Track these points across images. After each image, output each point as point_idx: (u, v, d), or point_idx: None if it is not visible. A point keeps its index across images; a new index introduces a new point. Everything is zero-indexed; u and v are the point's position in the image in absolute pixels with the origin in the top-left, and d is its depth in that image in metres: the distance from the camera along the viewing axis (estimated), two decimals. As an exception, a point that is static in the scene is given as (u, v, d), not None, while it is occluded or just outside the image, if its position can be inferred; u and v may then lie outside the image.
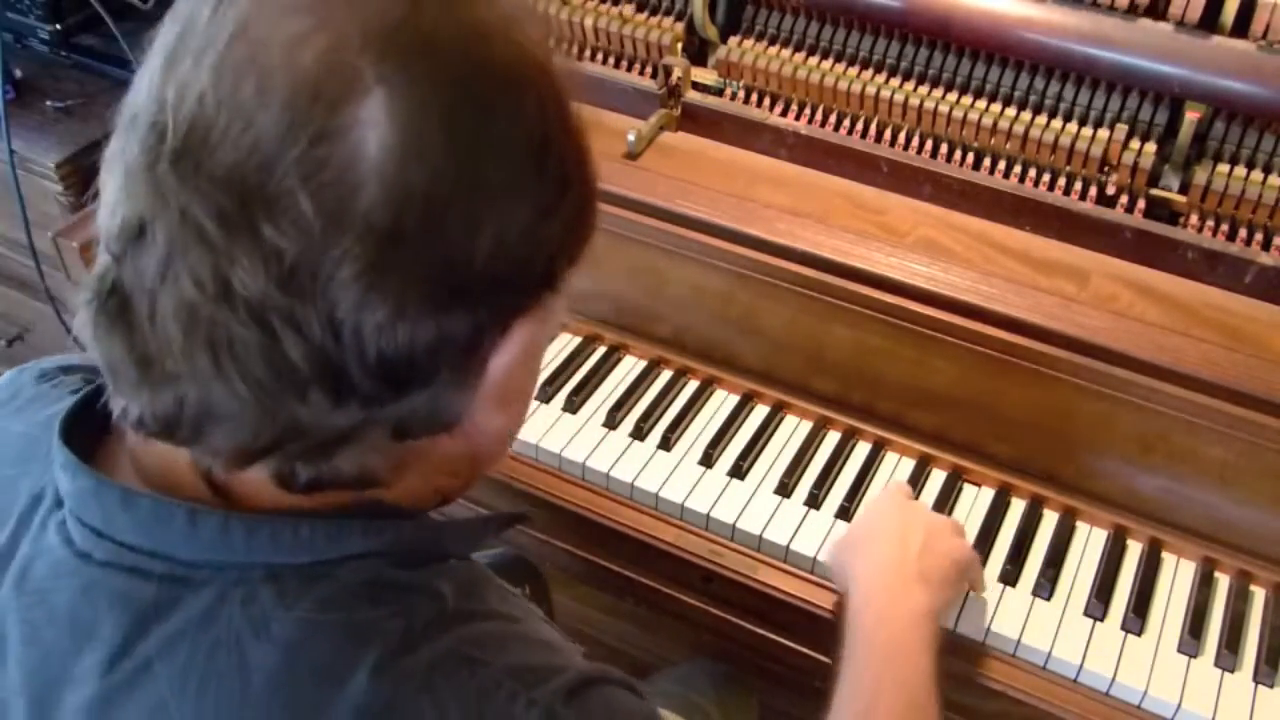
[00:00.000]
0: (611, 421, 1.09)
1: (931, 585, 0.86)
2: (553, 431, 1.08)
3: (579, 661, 0.57)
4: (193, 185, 0.45)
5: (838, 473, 1.05)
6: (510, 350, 0.51)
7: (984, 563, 0.97)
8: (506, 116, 0.48)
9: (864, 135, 1.17)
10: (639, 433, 1.08)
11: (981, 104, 1.11)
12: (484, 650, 0.53)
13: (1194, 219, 1.06)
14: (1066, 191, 1.09)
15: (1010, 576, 0.97)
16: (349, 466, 0.51)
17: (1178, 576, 0.97)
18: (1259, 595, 0.96)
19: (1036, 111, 1.10)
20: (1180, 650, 0.92)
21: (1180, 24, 1.01)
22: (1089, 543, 1.00)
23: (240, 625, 0.50)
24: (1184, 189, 1.06)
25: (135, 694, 0.51)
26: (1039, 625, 0.93)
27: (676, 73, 1.20)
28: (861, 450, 1.08)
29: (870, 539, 0.91)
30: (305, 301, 0.45)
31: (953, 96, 1.12)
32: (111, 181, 0.48)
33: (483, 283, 0.48)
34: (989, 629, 0.93)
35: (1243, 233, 1.04)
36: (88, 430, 0.56)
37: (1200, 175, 1.03)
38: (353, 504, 0.54)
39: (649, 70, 1.26)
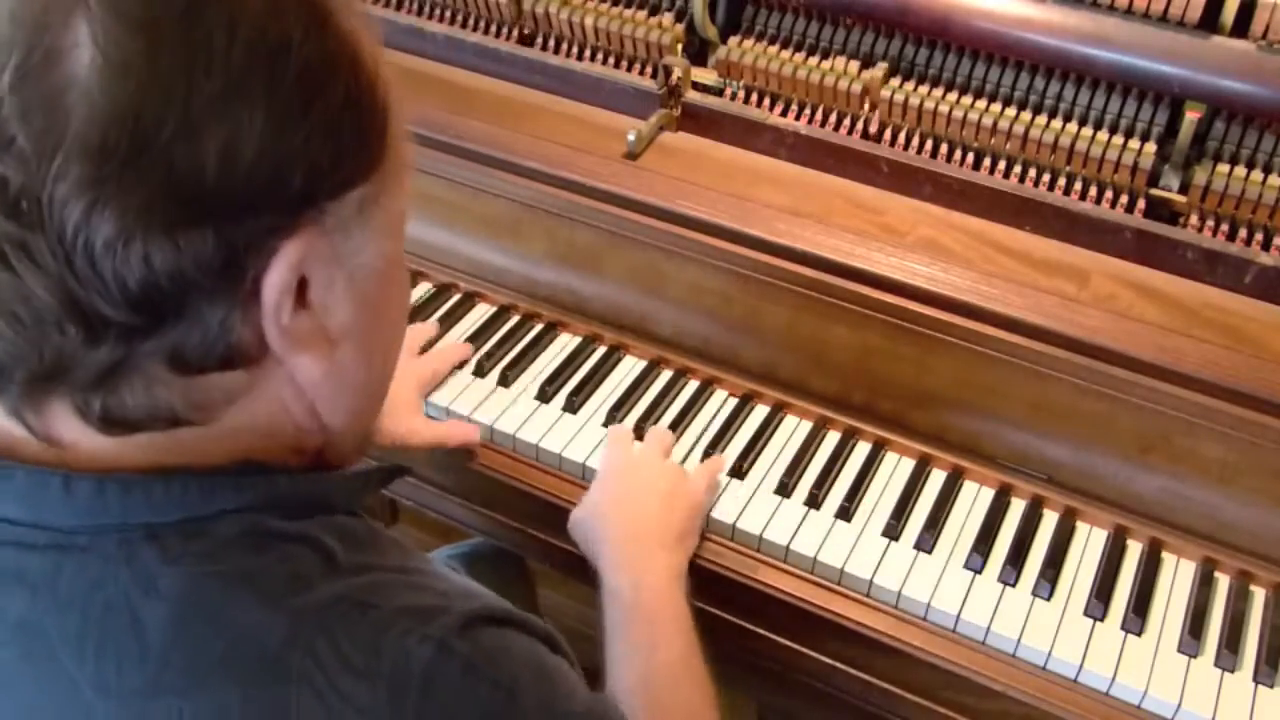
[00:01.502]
0: (611, 421, 1.09)
1: (675, 545, 0.93)
2: (553, 431, 1.08)
3: (484, 602, 0.58)
4: None
5: (838, 473, 1.05)
6: (279, 273, 0.49)
7: (984, 563, 0.98)
8: (220, 22, 0.46)
9: (864, 135, 1.17)
10: (639, 433, 1.08)
11: (981, 104, 1.11)
12: (376, 594, 0.54)
13: (1194, 219, 1.06)
14: (1066, 191, 1.09)
15: (1010, 576, 0.97)
16: (137, 400, 0.50)
17: (1178, 576, 0.98)
18: (1259, 595, 0.96)
19: (1036, 111, 1.10)
20: (1180, 650, 0.92)
21: (1180, 24, 1.01)
22: (1089, 543, 1.00)
23: (128, 585, 0.51)
24: (1184, 189, 1.06)
25: (33, 662, 0.51)
26: (1039, 625, 0.93)
27: (676, 73, 1.20)
28: (861, 450, 1.08)
29: (608, 511, 0.96)
30: (35, 230, 0.45)
31: (953, 96, 1.12)
32: None
33: (218, 198, 0.47)
34: (989, 629, 0.93)
35: (1243, 233, 1.04)
36: None
37: (1200, 175, 1.03)
38: (223, 464, 0.54)
39: (649, 70, 1.26)
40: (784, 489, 1.04)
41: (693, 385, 1.14)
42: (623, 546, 0.92)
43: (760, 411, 1.12)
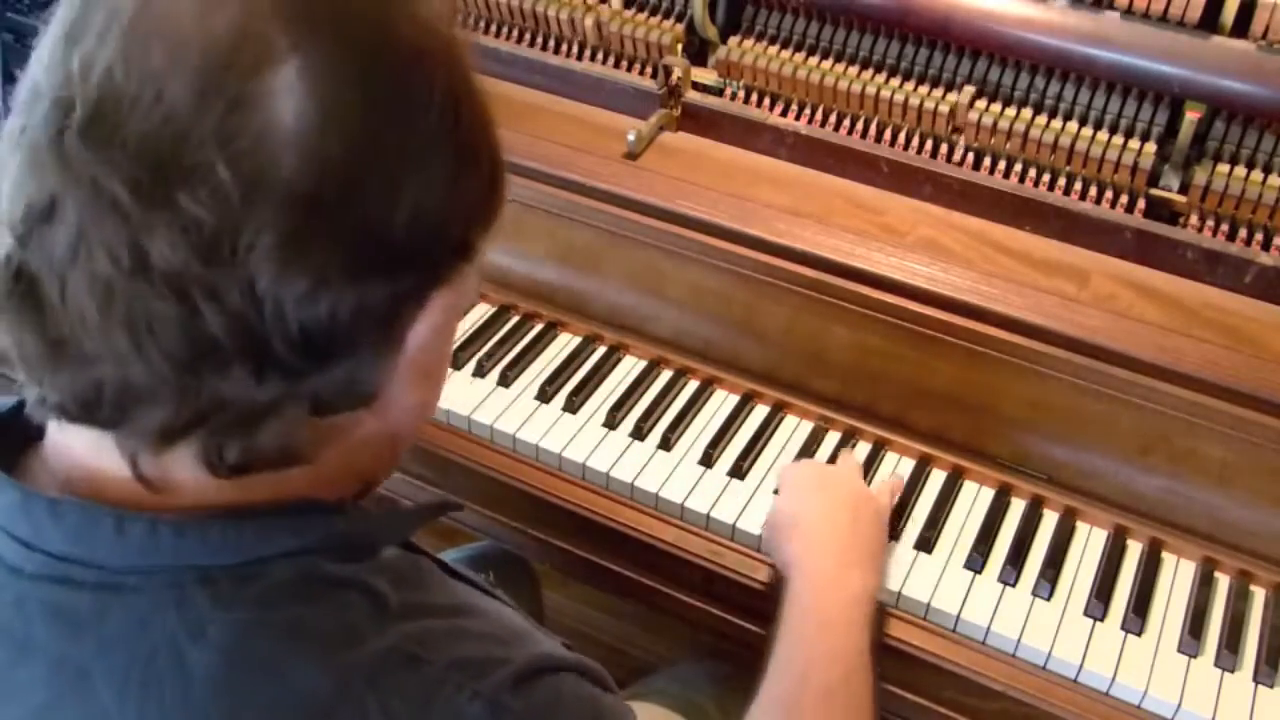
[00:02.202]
0: (611, 421, 1.09)
1: (867, 565, 0.89)
2: (553, 431, 1.08)
3: (532, 649, 0.57)
4: (104, 157, 0.44)
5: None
6: (428, 322, 0.51)
7: (984, 563, 0.98)
8: (418, 84, 0.48)
9: (864, 135, 1.17)
10: (639, 433, 1.08)
11: (981, 104, 1.11)
12: (427, 647, 0.53)
13: (1194, 219, 1.06)
14: (1066, 191, 1.09)
15: (1010, 576, 0.97)
16: (271, 442, 0.50)
17: (1178, 576, 0.97)
18: (1259, 595, 0.96)
19: (1036, 111, 1.10)
20: (1180, 650, 0.92)
21: (1180, 24, 1.01)
22: (1089, 543, 1.00)
23: (176, 629, 0.50)
24: (1184, 189, 1.06)
25: (74, 702, 0.50)
26: (1039, 625, 0.93)
27: (676, 73, 1.20)
28: (862, 450, 1.08)
29: (801, 518, 0.94)
30: (225, 272, 0.44)
31: (952, 96, 1.12)
32: (13, 162, 0.47)
33: (402, 251, 0.48)
34: (989, 629, 0.93)
35: (1243, 233, 1.04)
36: (9, 445, 0.55)
37: (1200, 175, 1.03)
38: (281, 501, 0.54)
39: (649, 70, 1.26)
40: (784, 489, 1.04)
41: (693, 385, 1.14)
42: (815, 555, 0.89)
43: (760, 411, 1.12)
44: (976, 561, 0.97)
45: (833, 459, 1.06)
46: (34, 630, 0.51)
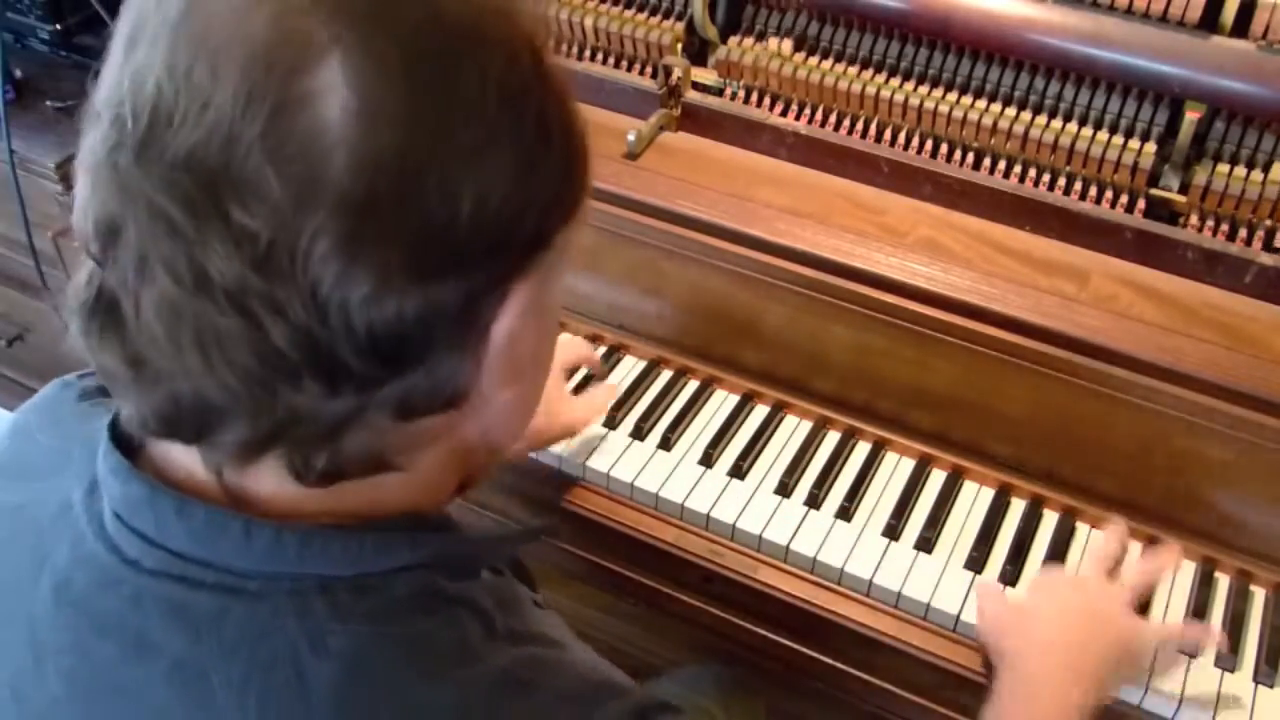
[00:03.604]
0: (612, 422, 1.09)
1: (1090, 684, 0.84)
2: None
3: (628, 685, 0.57)
4: (156, 175, 0.43)
5: (838, 473, 1.05)
6: (511, 315, 0.49)
7: (984, 563, 0.98)
8: (473, 69, 0.45)
9: (864, 135, 1.17)
10: (639, 433, 1.08)
11: (981, 104, 1.11)
12: (539, 674, 0.52)
13: (1194, 219, 1.06)
14: (1066, 191, 1.09)
15: (1010, 576, 0.97)
16: (358, 450, 0.49)
17: (1177, 576, 0.97)
18: (1259, 595, 0.96)
19: (1036, 111, 1.10)
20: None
21: (1180, 24, 1.01)
22: (1089, 543, 1.00)
23: (297, 638, 0.49)
24: (1184, 189, 1.06)
25: (190, 705, 0.50)
26: (1039, 625, 0.93)
27: (676, 73, 1.20)
28: (861, 450, 1.08)
29: (1034, 617, 0.89)
30: (285, 283, 0.43)
31: (953, 96, 1.12)
32: (82, 181, 0.46)
33: (470, 246, 0.46)
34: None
35: (1243, 233, 1.04)
36: (129, 447, 0.54)
37: (1200, 175, 1.03)
38: (386, 512, 0.53)
39: (649, 70, 1.26)
40: (784, 489, 1.04)
41: (693, 385, 1.14)
42: (1038, 663, 0.85)
43: (760, 411, 1.12)
44: (976, 561, 0.98)
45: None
46: (150, 627, 0.50)
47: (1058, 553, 0.98)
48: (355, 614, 0.50)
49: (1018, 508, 1.03)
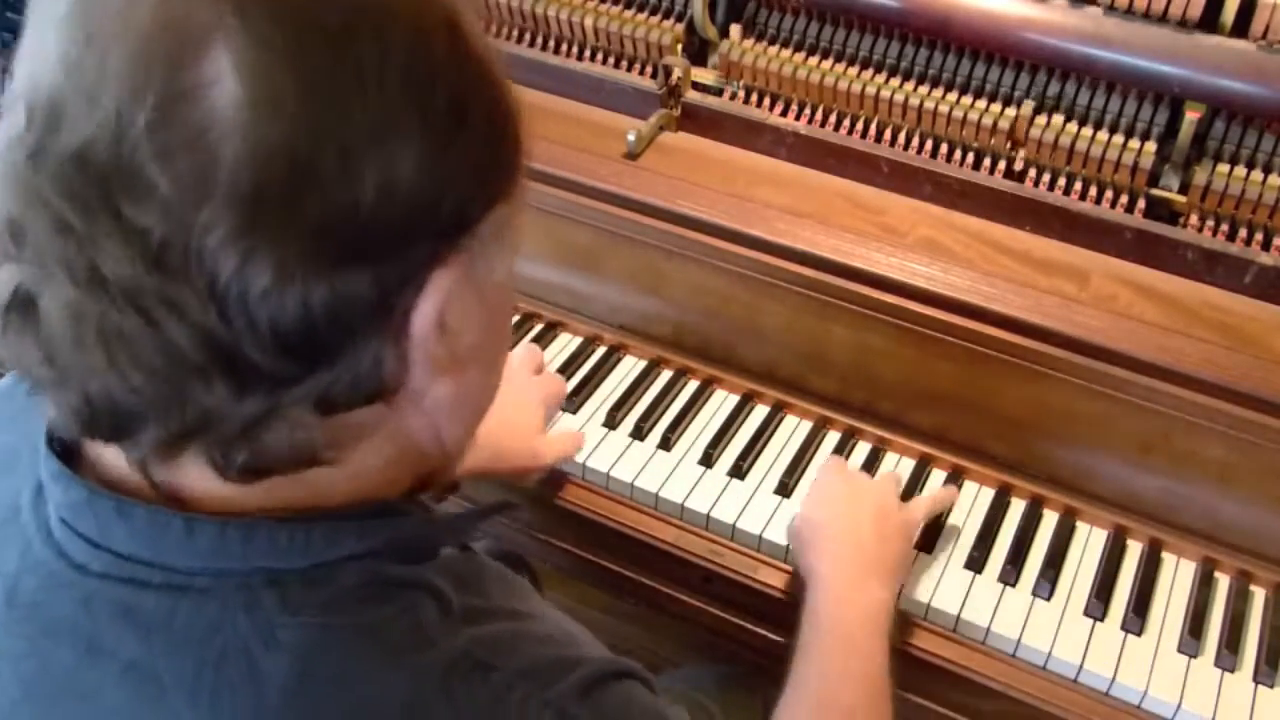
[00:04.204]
0: (611, 421, 1.09)
1: (887, 575, 0.89)
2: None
3: (591, 653, 0.56)
4: (48, 173, 0.42)
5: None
6: (433, 303, 0.47)
7: (984, 564, 0.98)
8: (373, 49, 0.43)
9: (864, 135, 1.17)
10: (639, 433, 1.08)
11: (981, 104, 1.11)
12: (495, 654, 0.52)
13: (1194, 219, 1.06)
14: (1066, 191, 1.09)
15: (1010, 576, 0.97)
16: (279, 446, 0.48)
17: (1178, 576, 0.98)
18: (1259, 595, 0.96)
19: (1036, 111, 1.10)
20: (1180, 650, 0.92)
21: (1180, 24, 1.01)
22: (1089, 543, 1.00)
23: (247, 634, 0.49)
24: (1184, 189, 1.06)
25: (143, 705, 0.50)
26: (1039, 625, 0.93)
27: (676, 73, 1.20)
28: (861, 450, 1.08)
29: (825, 528, 0.93)
30: (180, 282, 0.42)
31: (953, 96, 1.12)
32: None
33: (376, 233, 0.44)
34: (989, 629, 0.93)
35: (1243, 233, 1.04)
36: (68, 448, 0.54)
37: (1200, 175, 1.03)
38: (339, 504, 0.53)
39: (649, 70, 1.26)
40: (784, 489, 1.04)
41: (693, 385, 1.14)
42: (835, 566, 0.89)
43: (760, 411, 1.12)
44: (976, 561, 0.98)
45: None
46: (101, 630, 0.50)
47: (1058, 553, 0.98)
48: (305, 606, 0.50)
49: (1018, 508, 1.03)
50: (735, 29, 1.20)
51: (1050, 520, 1.02)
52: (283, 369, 0.45)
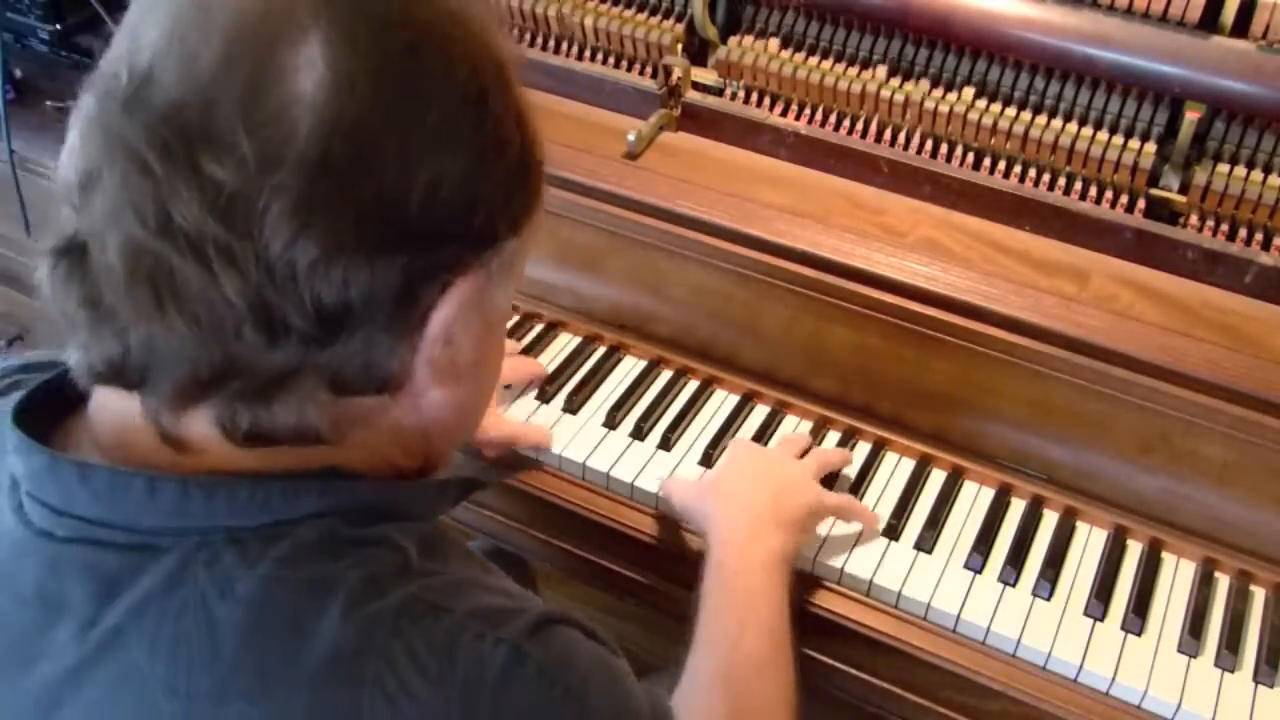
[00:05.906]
0: (611, 421, 1.09)
1: (786, 529, 0.91)
2: (552, 432, 1.08)
3: (538, 603, 0.59)
4: (139, 123, 0.47)
5: (837, 473, 1.05)
6: (450, 307, 0.52)
7: (984, 563, 0.98)
8: (439, 66, 0.50)
9: (864, 135, 1.17)
10: (639, 433, 1.08)
11: (981, 104, 1.11)
12: (447, 597, 0.54)
13: (1194, 219, 1.06)
14: (1066, 191, 1.09)
15: (1010, 576, 0.97)
16: (287, 417, 0.52)
17: (1178, 576, 0.97)
18: (1259, 595, 0.96)
19: (1036, 111, 1.10)
20: (1180, 650, 0.92)
21: (1180, 24, 1.01)
22: (1089, 543, 1.00)
23: (205, 586, 0.51)
24: (1184, 189, 1.06)
25: (107, 661, 0.52)
26: (1039, 625, 0.93)
27: (676, 73, 1.20)
28: (861, 450, 1.08)
29: (728, 484, 0.95)
30: (242, 236, 0.46)
31: (953, 96, 1.12)
32: (72, 135, 0.50)
33: (417, 227, 0.50)
34: (989, 629, 0.93)
35: (1243, 233, 1.04)
36: (45, 417, 0.57)
37: (1200, 175, 1.03)
38: (309, 467, 0.55)
39: (649, 70, 1.26)
40: (784, 489, 1.03)
41: (693, 385, 1.14)
42: (734, 518, 0.91)
43: (760, 411, 1.12)
44: (976, 561, 0.97)
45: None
46: (68, 591, 0.52)
47: (1058, 553, 0.98)
48: (263, 560, 0.52)
49: (1018, 508, 1.03)
50: (734, 40, 1.21)
51: (1050, 520, 1.02)
52: (312, 332, 0.49)
